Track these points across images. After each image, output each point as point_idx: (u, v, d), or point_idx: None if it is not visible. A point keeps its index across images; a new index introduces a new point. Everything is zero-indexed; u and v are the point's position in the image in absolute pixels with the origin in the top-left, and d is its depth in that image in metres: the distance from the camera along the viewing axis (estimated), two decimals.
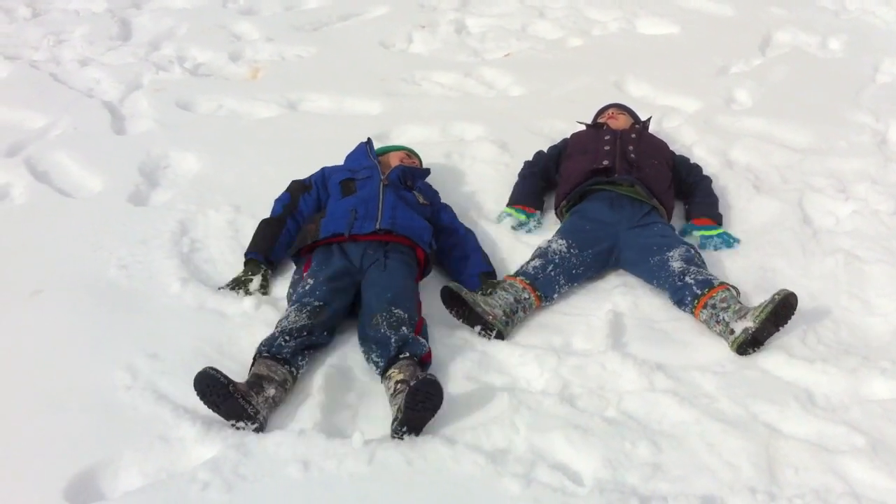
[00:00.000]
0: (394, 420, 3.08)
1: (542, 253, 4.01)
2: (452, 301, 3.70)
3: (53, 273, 3.92)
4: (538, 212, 4.57)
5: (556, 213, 4.53)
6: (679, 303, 3.81)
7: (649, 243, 4.04)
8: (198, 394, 3.05)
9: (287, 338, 3.35)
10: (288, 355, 3.31)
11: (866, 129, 5.50)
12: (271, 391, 3.18)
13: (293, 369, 3.31)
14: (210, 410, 3.07)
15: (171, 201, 4.55)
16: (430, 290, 3.85)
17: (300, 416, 3.19)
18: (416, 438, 3.04)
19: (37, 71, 6.24)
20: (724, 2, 7.88)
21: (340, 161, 4.50)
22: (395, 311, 3.49)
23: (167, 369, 3.33)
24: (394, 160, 4.50)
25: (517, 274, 3.92)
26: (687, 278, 3.79)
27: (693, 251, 3.99)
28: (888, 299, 3.91)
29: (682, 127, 5.52)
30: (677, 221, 4.51)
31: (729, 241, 4.32)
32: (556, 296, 3.91)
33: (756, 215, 4.58)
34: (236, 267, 4.03)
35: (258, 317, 3.66)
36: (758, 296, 3.88)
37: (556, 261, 3.94)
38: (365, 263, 3.77)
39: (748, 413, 3.22)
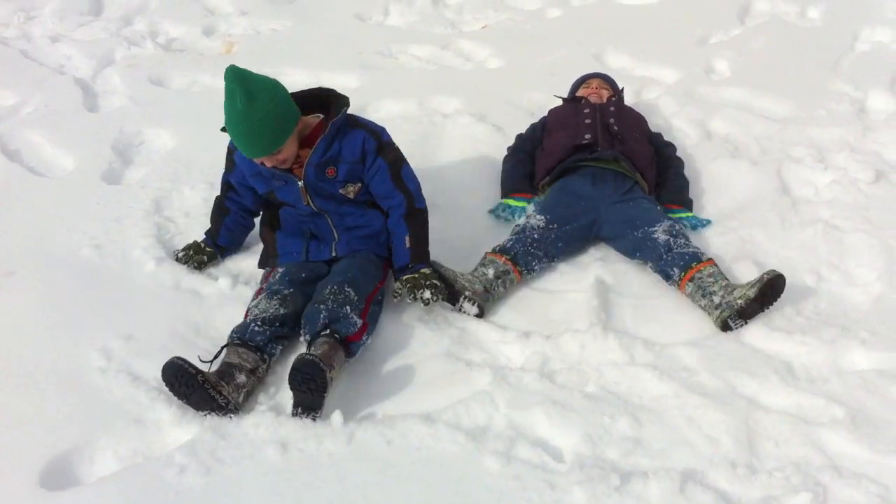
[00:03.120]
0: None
1: (521, 229, 3.98)
2: None
3: (26, 254, 3.87)
4: (536, 196, 4.45)
5: (538, 189, 4.48)
6: (665, 275, 3.78)
7: (632, 216, 4.00)
8: (166, 384, 3.00)
9: (260, 324, 3.29)
10: (261, 343, 3.25)
11: (845, 97, 5.49)
12: (242, 378, 3.12)
13: (265, 356, 3.25)
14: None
15: (145, 179, 4.49)
16: None
17: (279, 396, 3.17)
18: (396, 417, 3.02)
19: (7, 48, 6.16)
20: None
21: None
22: (348, 289, 3.39)
23: (142, 350, 3.29)
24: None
25: (496, 250, 3.88)
26: (673, 251, 3.77)
27: (678, 226, 3.95)
28: (867, 269, 3.91)
29: (661, 98, 5.49)
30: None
31: (696, 224, 4.25)
32: (536, 269, 3.87)
33: (735, 186, 4.56)
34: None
35: (234, 296, 3.63)
36: (738, 266, 3.89)
37: (535, 236, 3.91)
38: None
39: (728, 386, 3.22)
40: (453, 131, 5.06)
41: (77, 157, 4.69)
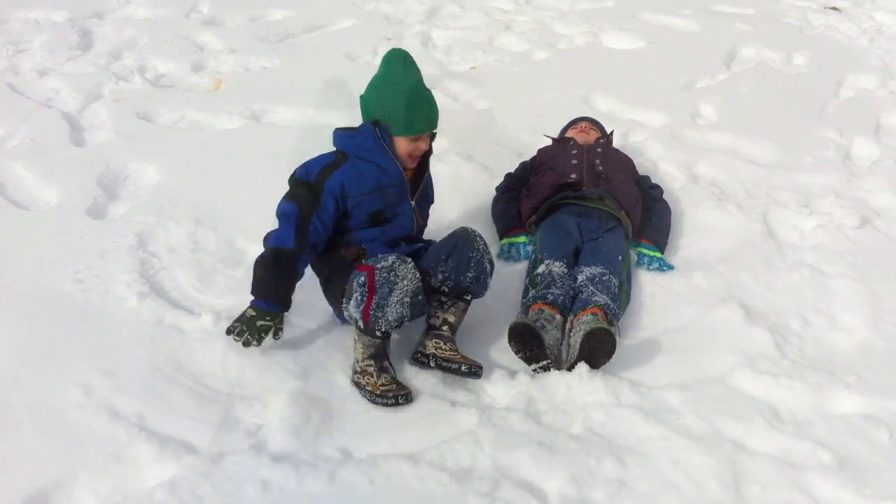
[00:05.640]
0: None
1: (550, 279, 3.87)
2: (526, 337, 3.50)
3: (8, 287, 3.82)
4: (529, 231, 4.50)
5: (526, 227, 4.49)
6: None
7: (593, 253, 4.03)
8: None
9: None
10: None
11: (830, 143, 5.55)
12: None
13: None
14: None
15: (130, 214, 4.45)
16: None
17: (260, 434, 3.12)
18: (379, 456, 2.99)
19: None
20: (690, 17, 7.95)
21: None
22: None
23: (122, 386, 3.24)
24: (404, 148, 3.65)
25: (548, 302, 3.74)
26: (581, 294, 3.79)
27: (614, 281, 3.87)
28: (853, 314, 3.92)
29: (648, 141, 5.52)
30: None
31: (661, 266, 4.25)
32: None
33: (721, 230, 4.58)
34: (195, 281, 3.96)
35: (216, 332, 3.57)
36: (724, 309, 3.90)
37: (570, 282, 3.89)
38: None
39: (713, 429, 3.20)
40: (440, 170, 5.05)
41: (61, 191, 4.65)
